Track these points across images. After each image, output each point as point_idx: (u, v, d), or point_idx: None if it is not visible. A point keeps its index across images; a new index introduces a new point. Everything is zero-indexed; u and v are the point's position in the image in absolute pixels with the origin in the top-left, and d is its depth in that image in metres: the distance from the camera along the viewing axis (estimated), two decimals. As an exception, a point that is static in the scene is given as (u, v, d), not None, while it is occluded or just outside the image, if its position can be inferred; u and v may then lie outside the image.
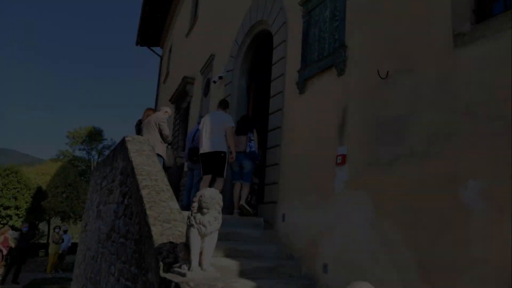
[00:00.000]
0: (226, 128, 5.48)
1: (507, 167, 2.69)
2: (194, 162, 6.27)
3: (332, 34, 4.74)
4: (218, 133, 5.42)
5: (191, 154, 6.22)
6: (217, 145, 5.41)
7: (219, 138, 5.40)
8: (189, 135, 6.48)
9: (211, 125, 5.52)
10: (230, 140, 5.40)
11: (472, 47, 3.09)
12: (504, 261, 2.60)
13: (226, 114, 5.74)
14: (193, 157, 6.23)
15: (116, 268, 3.81)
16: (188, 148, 6.30)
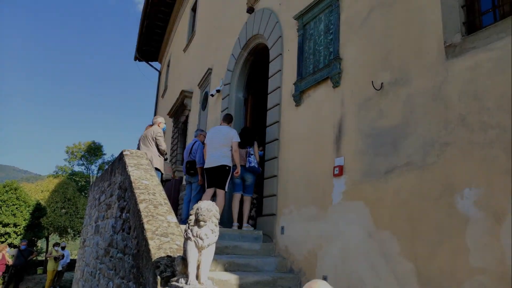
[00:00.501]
0: (232, 143, 5.50)
1: (501, 175, 2.71)
2: (192, 175, 6.29)
3: (327, 47, 4.81)
4: (223, 148, 5.46)
5: (188, 167, 6.24)
6: (222, 159, 5.43)
7: (224, 152, 5.44)
8: (187, 148, 6.51)
9: (215, 140, 5.55)
10: (235, 155, 5.44)
11: (463, 58, 3.14)
12: (501, 270, 2.60)
13: (231, 129, 5.76)
14: (190, 170, 6.25)
15: (114, 283, 3.79)
16: (186, 161, 6.32)
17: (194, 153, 6.25)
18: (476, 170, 2.89)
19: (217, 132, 5.67)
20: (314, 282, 2.07)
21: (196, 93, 10.17)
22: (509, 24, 2.85)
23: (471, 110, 3.00)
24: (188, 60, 11.92)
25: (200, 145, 6.38)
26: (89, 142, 27.24)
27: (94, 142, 27.31)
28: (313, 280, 2.08)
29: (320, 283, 2.04)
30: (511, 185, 2.64)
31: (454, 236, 2.95)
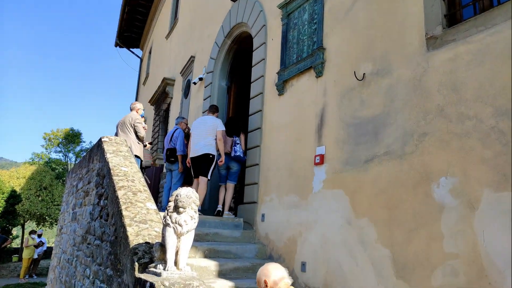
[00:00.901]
0: (217, 132, 5.60)
1: (476, 165, 2.79)
2: (172, 163, 6.23)
3: (311, 37, 4.80)
4: (208, 137, 5.55)
5: (168, 154, 6.18)
6: (206, 148, 5.52)
7: (208, 142, 5.53)
8: (168, 136, 6.44)
9: (200, 130, 5.63)
10: (220, 144, 5.53)
11: (443, 50, 3.19)
12: (473, 255, 2.69)
13: (216, 119, 5.82)
14: (170, 158, 6.19)
15: (92, 270, 3.73)
16: (166, 148, 6.25)
17: (175, 140, 6.19)
18: (452, 160, 2.96)
19: (202, 122, 5.73)
20: (267, 264, 2.34)
21: (179, 80, 10.03)
22: (487, 18, 2.90)
23: (450, 101, 3.06)
24: (170, 47, 11.72)
25: (181, 133, 6.32)
26: (67, 129, 26.55)
27: (72, 129, 26.64)
28: (267, 263, 2.30)
29: (269, 265, 2.32)
30: (485, 174, 2.72)
31: (429, 223, 3.03)
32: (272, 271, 2.21)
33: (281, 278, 2.20)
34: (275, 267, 2.25)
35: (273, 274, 2.20)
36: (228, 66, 7.49)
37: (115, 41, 16.39)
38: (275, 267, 2.25)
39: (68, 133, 26.28)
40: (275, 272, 2.20)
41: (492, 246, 2.60)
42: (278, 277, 2.18)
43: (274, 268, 2.22)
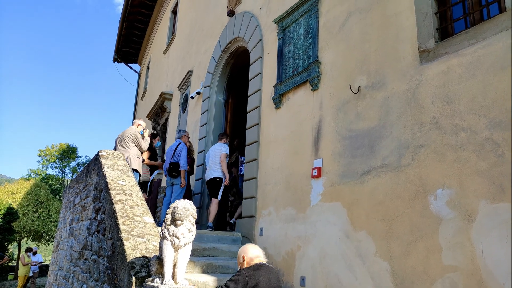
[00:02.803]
0: (221, 155, 6.06)
1: (472, 176, 2.81)
2: (174, 177, 6.22)
3: (306, 51, 4.88)
4: (216, 162, 6.07)
5: (171, 168, 6.18)
6: (214, 173, 6.03)
7: (216, 166, 6.06)
8: (169, 150, 6.43)
9: (210, 158, 6.17)
10: (223, 166, 6.03)
11: (436, 62, 3.25)
12: (472, 267, 2.69)
13: (222, 144, 6.26)
14: (173, 172, 6.18)
15: (88, 286, 3.69)
16: (169, 162, 6.24)
17: (178, 155, 6.20)
18: (448, 172, 2.98)
19: (212, 150, 6.25)
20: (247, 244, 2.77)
21: (176, 95, 10.09)
22: (478, 31, 2.97)
23: (444, 113, 3.10)
24: (168, 62, 11.82)
25: (184, 147, 6.34)
26: (62, 144, 26.44)
27: (68, 145, 26.54)
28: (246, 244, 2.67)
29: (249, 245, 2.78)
30: (481, 185, 2.74)
31: (427, 235, 3.02)
32: (250, 249, 2.69)
33: (256, 256, 2.66)
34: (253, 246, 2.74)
35: (250, 252, 2.67)
36: (225, 80, 7.56)
37: (113, 56, 16.54)
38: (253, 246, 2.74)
39: (63, 148, 26.20)
40: (252, 251, 2.68)
41: (491, 258, 2.60)
42: (254, 255, 2.65)
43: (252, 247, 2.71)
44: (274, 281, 2.56)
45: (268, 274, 2.57)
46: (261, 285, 2.45)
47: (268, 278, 2.52)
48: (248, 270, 2.50)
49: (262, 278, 2.49)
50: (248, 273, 2.47)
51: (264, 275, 2.50)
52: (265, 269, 2.57)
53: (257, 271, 2.50)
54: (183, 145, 6.39)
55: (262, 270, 2.53)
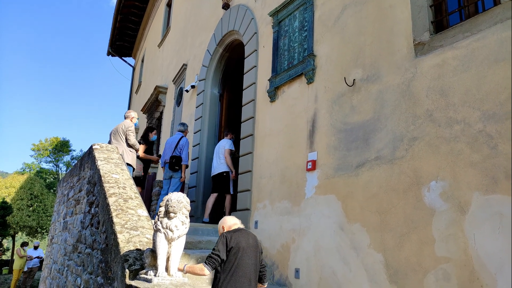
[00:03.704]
0: (225, 150, 6.05)
1: (466, 168, 2.82)
2: (176, 171, 6.20)
3: (302, 44, 4.85)
4: (221, 157, 6.06)
5: (174, 162, 6.14)
6: (220, 167, 6.01)
7: (221, 161, 6.05)
8: (170, 143, 6.37)
9: (216, 153, 6.22)
10: (228, 161, 6.01)
11: (431, 55, 3.25)
12: (465, 258, 2.71)
13: (227, 140, 6.22)
14: (175, 166, 6.15)
15: (82, 279, 3.68)
16: (170, 155, 6.20)
17: (180, 148, 6.17)
18: (442, 164, 2.99)
19: (218, 146, 6.26)
20: (225, 216, 3.16)
21: (171, 88, 10.03)
22: (473, 24, 2.97)
23: (438, 105, 3.11)
24: (163, 56, 11.74)
25: (187, 141, 6.31)
26: (54, 138, 26.24)
27: (60, 139, 26.34)
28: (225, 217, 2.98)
29: (226, 216, 3.16)
30: (474, 177, 2.75)
31: (421, 227, 3.04)
32: (228, 219, 3.09)
33: (234, 223, 3.05)
34: (230, 217, 3.12)
35: (228, 221, 3.06)
36: (220, 73, 7.52)
37: (108, 49, 16.38)
38: (230, 217, 3.12)
39: (56, 142, 26.02)
40: (230, 220, 3.07)
41: (483, 249, 2.62)
42: (232, 223, 3.05)
43: (230, 218, 3.11)
44: (252, 241, 2.90)
45: (247, 235, 2.92)
46: (241, 244, 2.80)
47: (247, 239, 2.88)
48: (229, 233, 2.87)
49: (242, 239, 2.84)
50: (229, 235, 2.83)
51: (243, 236, 2.87)
52: (243, 231, 2.94)
53: (236, 233, 2.87)
54: (186, 139, 6.36)
55: (241, 232, 2.91)
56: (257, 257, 2.90)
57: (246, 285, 2.73)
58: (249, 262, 2.79)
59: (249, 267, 2.78)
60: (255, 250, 2.89)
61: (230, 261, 2.73)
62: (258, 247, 2.95)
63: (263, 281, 3.03)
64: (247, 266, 2.76)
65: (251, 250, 2.84)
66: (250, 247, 2.84)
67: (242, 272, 2.73)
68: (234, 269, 2.71)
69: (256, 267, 2.88)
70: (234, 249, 2.75)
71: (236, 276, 2.70)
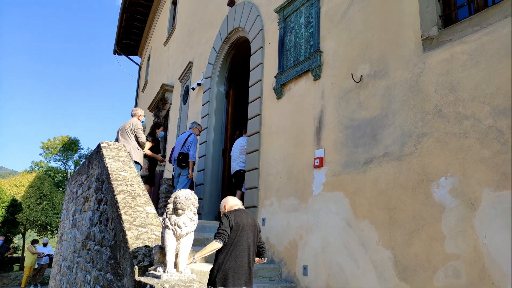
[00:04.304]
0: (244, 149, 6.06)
1: (475, 164, 2.79)
2: (183, 168, 6.21)
3: (308, 40, 4.83)
4: (240, 155, 6.10)
5: (181, 159, 6.16)
6: (238, 165, 6.07)
7: (239, 159, 6.11)
8: (179, 140, 6.39)
9: (234, 150, 6.24)
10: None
11: (439, 50, 3.21)
12: (475, 255, 2.68)
13: (244, 138, 6.21)
14: (182, 163, 6.17)
15: (92, 276, 3.71)
16: (178, 152, 6.21)
17: (188, 145, 6.19)
18: (451, 160, 2.96)
19: (236, 144, 6.27)
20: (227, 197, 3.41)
21: (177, 86, 10.05)
22: (483, 17, 2.92)
23: (447, 101, 3.07)
24: (168, 54, 11.76)
25: (195, 139, 6.33)
26: (64, 136, 26.43)
27: (69, 138, 26.54)
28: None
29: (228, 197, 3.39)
30: (484, 173, 2.72)
31: (430, 224, 3.02)
32: (230, 200, 3.32)
33: (235, 204, 3.28)
34: (232, 198, 3.37)
35: (230, 202, 3.30)
36: (226, 71, 7.52)
37: (114, 48, 16.45)
38: (232, 198, 3.37)
39: (65, 141, 26.24)
40: (231, 201, 3.31)
41: (494, 246, 2.59)
42: (233, 203, 3.28)
43: (231, 199, 3.35)
44: (250, 220, 3.17)
45: (246, 215, 3.18)
46: (241, 223, 3.05)
47: (246, 218, 3.14)
48: (231, 213, 3.14)
49: (242, 218, 3.10)
50: (231, 214, 3.11)
51: (243, 215, 3.13)
52: (243, 211, 3.22)
53: (237, 212, 3.14)
54: (194, 136, 6.37)
55: (241, 212, 3.18)
56: (255, 235, 3.17)
57: (245, 259, 3.01)
58: (248, 239, 3.06)
59: (247, 244, 3.05)
60: (254, 229, 3.16)
61: (231, 238, 3.00)
62: (256, 226, 3.22)
63: (263, 256, 3.31)
64: (246, 243, 3.04)
65: (250, 228, 3.11)
66: (249, 226, 3.10)
67: (242, 247, 3.00)
68: (234, 245, 2.98)
69: (255, 243, 3.15)
70: (235, 227, 3.02)
71: (236, 251, 2.97)
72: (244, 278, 2.95)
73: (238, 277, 2.92)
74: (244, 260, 2.99)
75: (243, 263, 2.97)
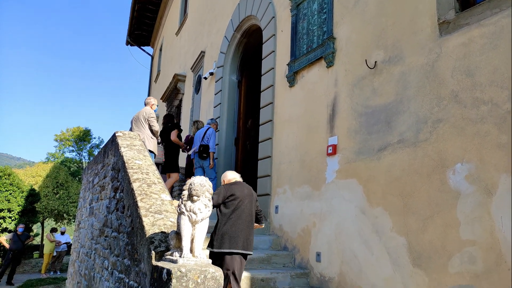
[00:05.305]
0: None
1: (493, 150, 2.74)
2: (204, 159, 6.32)
3: (321, 27, 4.77)
4: None
5: (201, 150, 6.27)
6: None
7: None
8: (199, 134, 6.50)
9: None
10: None
11: (456, 34, 3.14)
12: (491, 241, 2.66)
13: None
14: (203, 154, 6.27)
15: (110, 262, 3.81)
16: (199, 145, 6.33)
17: (207, 138, 6.31)
18: (468, 146, 2.92)
19: None
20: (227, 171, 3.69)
21: (189, 76, 10.08)
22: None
23: (464, 86, 3.02)
24: (180, 44, 11.77)
25: (214, 132, 6.43)
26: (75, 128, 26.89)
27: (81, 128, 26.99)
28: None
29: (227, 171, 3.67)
30: (502, 159, 2.68)
31: (445, 210, 2.99)
32: (228, 174, 3.59)
33: (233, 178, 3.54)
34: (230, 172, 3.64)
35: (228, 176, 3.57)
36: (238, 60, 7.50)
37: (126, 39, 16.54)
38: (230, 172, 3.64)
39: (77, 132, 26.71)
40: (230, 175, 3.58)
41: (511, 231, 2.56)
42: (231, 177, 3.55)
43: (230, 173, 3.61)
44: (247, 191, 3.41)
45: (242, 187, 3.42)
46: (237, 194, 3.31)
47: (242, 189, 3.38)
48: (226, 185, 3.41)
49: (237, 189, 3.34)
50: (226, 187, 3.37)
51: (238, 187, 3.38)
52: (239, 183, 3.47)
53: (233, 185, 3.40)
54: (212, 129, 6.48)
55: (237, 184, 3.42)
56: (252, 204, 3.43)
57: (242, 226, 3.28)
58: (245, 208, 3.33)
59: (245, 212, 3.32)
60: (250, 198, 3.42)
61: (228, 207, 3.28)
62: (253, 196, 3.48)
63: (261, 222, 3.62)
64: (243, 211, 3.31)
65: (246, 198, 3.37)
66: (245, 196, 3.37)
67: (239, 215, 3.28)
68: (232, 213, 3.27)
69: (252, 211, 3.42)
70: (231, 198, 3.29)
71: (234, 219, 3.25)
72: (241, 242, 3.23)
73: (235, 241, 3.20)
74: (242, 227, 3.26)
75: (240, 228, 3.24)
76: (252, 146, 6.92)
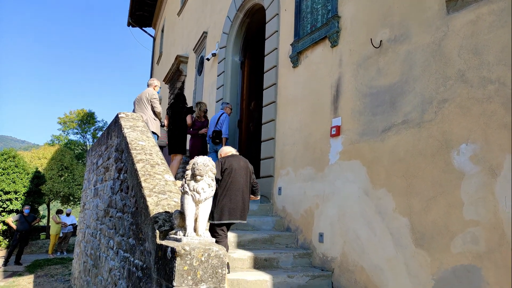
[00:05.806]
0: None
1: (498, 130, 2.71)
2: (217, 144, 6.35)
3: (325, 5, 4.67)
4: None
5: (214, 136, 6.31)
6: None
7: None
8: (213, 119, 6.49)
9: None
10: None
11: (464, 12, 3.06)
12: (494, 221, 2.66)
13: None
14: (216, 139, 6.32)
15: (115, 241, 3.86)
16: (212, 130, 6.34)
17: (221, 123, 6.31)
18: (473, 126, 2.88)
19: None
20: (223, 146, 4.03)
21: (192, 58, 9.98)
22: (513, -26, 2.75)
23: (471, 65, 2.96)
24: (182, 24, 11.62)
25: (227, 117, 6.42)
26: (79, 110, 26.91)
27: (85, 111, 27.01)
28: None
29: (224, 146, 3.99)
30: (507, 139, 2.65)
31: (449, 191, 2.99)
32: (224, 148, 3.89)
33: (229, 151, 3.80)
34: (226, 147, 3.94)
35: (224, 150, 3.84)
36: (241, 40, 7.40)
37: (128, 20, 16.33)
38: (226, 147, 3.94)
39: (81, 115, 26.74)
40: (225, 149, 3.85)
41: (514, 212, 2.55)
42: (227, 150, 3.81)
43: (226, 147, 3.91)
44: (243, 163, 3.62)
45: (238, 159, 3.63)
46: (233, 166, 3.52)
47: (238, 161, 3.59)
48: (222, 158, 3.63)
49: (233, 162, 3.55)
50: (222, 160, 3.59)
51: (234, 159, 3.59)
52: (235, 156, 3.69)
53: (229, 158, 3.61)
54: (226, 115, 6.47)
55: (233, 157, 3.65)
56: (248, 175, 3.61)
57: (239, 197, 3.48)
58: (241, 180, 3.51)
59: (240, 184, 3.51)
60: (246, 170, 3.60)
61: (224, 179, 3.47)
62: (248, 168, 3.65)
63: (256, 193, 3.78)
64: (239, 183, 3.50)
65: (242, 170, 3.56)
66: (241, 168, 3.55)
67: (235, 187, 3.47)
68: (228, 185, 3.46)
69: (247, 183, 3.60)
70: (228, 170, 3.48)
71: (231, 190, 3.46)
72: (239, 212, 3.46)
73: (234, 212, 3.44)
74: (238, 198, 3.47)
75: (237, 200, 3.45)
76: (255, 128, 6.90)
